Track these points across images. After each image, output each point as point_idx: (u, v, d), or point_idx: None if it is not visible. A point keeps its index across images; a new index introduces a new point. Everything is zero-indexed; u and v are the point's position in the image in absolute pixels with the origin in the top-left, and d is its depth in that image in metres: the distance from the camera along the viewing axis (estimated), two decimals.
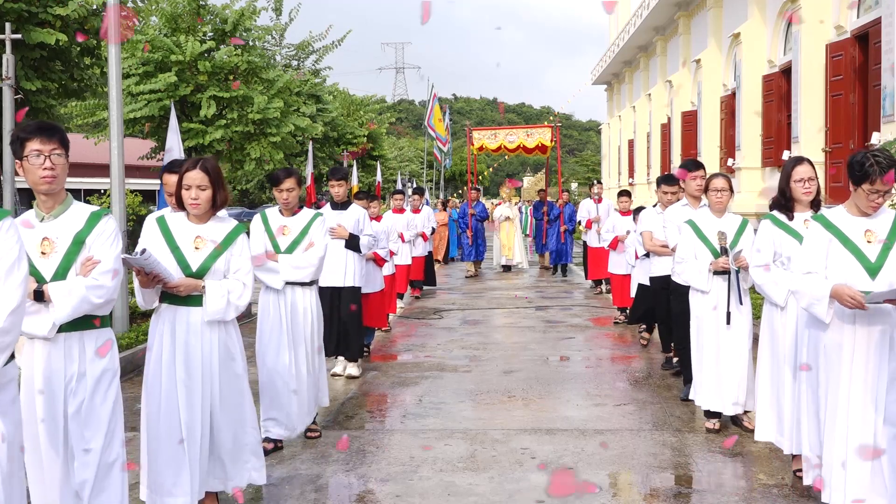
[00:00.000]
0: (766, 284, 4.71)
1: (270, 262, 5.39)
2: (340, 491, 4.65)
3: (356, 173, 23.91)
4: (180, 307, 3.95)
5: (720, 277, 5.53)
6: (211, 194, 3.97)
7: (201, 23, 13.85)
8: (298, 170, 6.58)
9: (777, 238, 4.73)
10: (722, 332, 5.54)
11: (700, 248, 5.64)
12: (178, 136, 10.96)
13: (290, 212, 5.53)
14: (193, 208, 3.98)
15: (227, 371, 4.05)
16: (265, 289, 5.43)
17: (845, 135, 13.19)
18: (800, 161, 4.80)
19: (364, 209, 7.32)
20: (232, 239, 4.05)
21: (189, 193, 3.96)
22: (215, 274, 3.98)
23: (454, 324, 10.92)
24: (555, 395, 6.83)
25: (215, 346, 3.99)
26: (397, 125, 51.80)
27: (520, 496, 4.52)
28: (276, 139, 14.29)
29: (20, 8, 9.59)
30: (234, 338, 4.11)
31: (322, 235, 5.52)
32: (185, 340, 3.94)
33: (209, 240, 4.01)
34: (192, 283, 3.92)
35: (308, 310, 5.44)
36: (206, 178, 3.95)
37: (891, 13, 10.80)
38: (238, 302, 3.99)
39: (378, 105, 28.16)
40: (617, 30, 32.38)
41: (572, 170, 55.50)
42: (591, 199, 14.26)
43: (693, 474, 4.88)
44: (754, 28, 16.95)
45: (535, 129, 19.29)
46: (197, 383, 3.94)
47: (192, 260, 3.96)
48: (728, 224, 5.69)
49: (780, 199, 4.82)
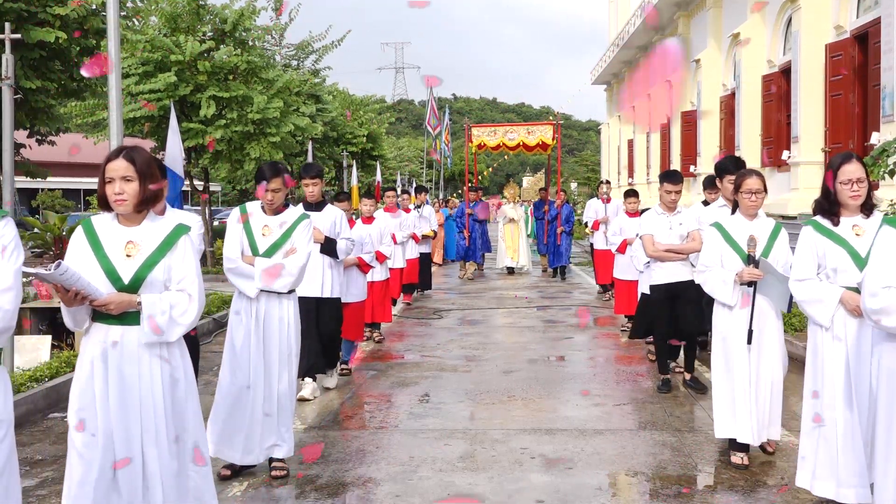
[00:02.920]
0: (809, 302, 4.11)
1: (245, 265, 4.86)
2: (340, 491, 4.64)
3: (356, 173, 23.92)
4: (113, 327, 3.29)
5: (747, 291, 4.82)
6: (138, 187, 3.29)
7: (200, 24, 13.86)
8: (287, 167, 6.00)
9: (820, 247, 4.11)
10: (752, 353, 4.84)
11: (728, 254, 4.93)
12: (178, 136, 10.96)
13: (273, 211, 5.01)
14: (119, 205, 3.29)
15: (171, 405, 3.37)
16: (238, 295, 4.91)
17: (845, 135, 13.20)
18: (847, 159, 4.08)
19: (341, 211, 6.70)
20: (172, 242, 3.39)
21: (112, 187, 3.28)
22: (153, 286, 3.32)
23: (454, 324, 10.92)
24: (555, 395, 6.83)
25: (156, 375, 3.32)
26: (397, 125, 51.79)
27: (519, 496, 4.52)
28: (275, 139, 14.29)
29: (19, 7, 9.59)
30: (178, 363, 3.42)
31: (307, 241, 4.96)
32: (119, 368, 3.28)
33: (144, 245, 3.35)
34: (125, 298, 3.25)
35: (285, 320, 4.88)
36: (131, 168, 3.27)
37: (890, 13, 10.81)
38: (183, 319, 3.34)
39: (378, 105, 28.15)
40: (617, 30, 32.38)
41: (572, 169, 55.49)
42: (600, 198, 13.26)
43: (693, 474, 4.88)
44: (754, 28, 16.96)
45: (536, 126, 18.78)
46: (135, 422, 3.29)
47: (123, 270, 3.29)
48: (759, 228, 4.95)
49: (823, 203, 4.18)
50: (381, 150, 28.32)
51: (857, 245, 4.03)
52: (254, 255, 4.89)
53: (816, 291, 4.06)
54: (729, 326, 4.90)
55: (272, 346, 4.83)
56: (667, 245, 6.60)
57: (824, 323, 4.03)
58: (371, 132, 26.40)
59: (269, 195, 4.91)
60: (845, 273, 4.02)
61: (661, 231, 6.67)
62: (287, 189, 5.05)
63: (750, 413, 4.83)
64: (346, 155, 24.78)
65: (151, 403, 3.32)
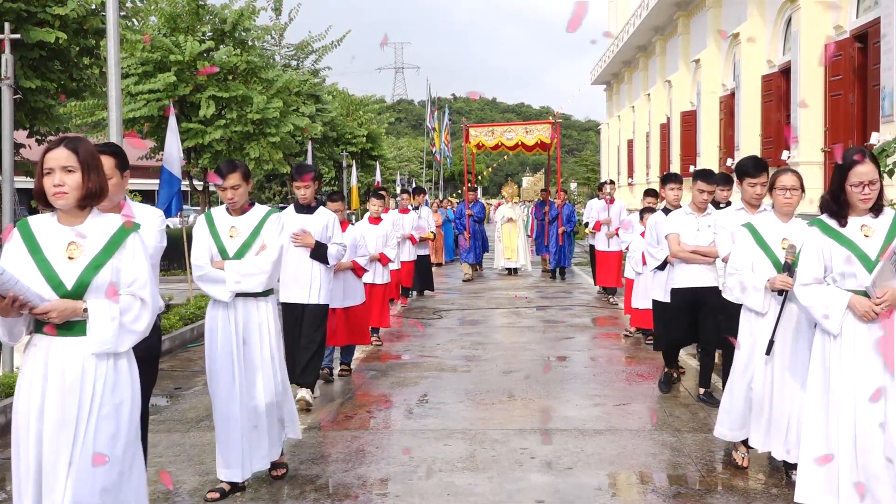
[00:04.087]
0: (815, 307, 3.88)
1: (215, 270, 4.60)
2: (340, 491, 4.64)
3: (355, 173, 23.91)
4: (56, 338, 2.96)
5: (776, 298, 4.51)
6: (80, 179, 2.98)
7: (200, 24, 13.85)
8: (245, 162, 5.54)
9: (826, 249, 3.90)
10: (777, 363, 4.55)
11: (760, 258, 4.60)
12: (177, 136, 10.96)
13: (239, 211, 4.71)
14: (59, 199, 2.97)
15: (111, 426, 3.00)
16: (213, 303, 4.63)
17: (845, 135, 13.20)
18: (860, 159, 3.82)
19: (334, 214, 6.35)
20: (120, 241, 3.06)
21: (51, 179, 2.96)
22: (100, 290, 2.99)
23: (454, 324, 10.92)
24: (555, 395, 6.83)
25: (98, 390, 2.98)
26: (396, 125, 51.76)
27: (519, 496, 4.52)
28: (275, 139, 14.27)
29: (19, 7, 9.59)
30: (125, 376, 3.08)
31: (277, 235, 4.68)
32: (60, 383, 2.94)
33: (87, 245, 3.01)
34: (69, 305, 2.93)
35: (264, 324, 4.62)
36: (72, 158, 2.98)
37: (890, 13, 10.80)
38: (135, 326, 3.05)
39: (377, 105, 28.13)
40: (616, 30, 32.39)
41: (571, 169, 55.50)
42: (603, 199, 12.91)
43: (693, 474, 4.87)
44: (754, 28, 16.97)
45: (534, 125, 18.52)
46: (66, 444, 2.92)
47: (65, 274, 2.96)
48: (795, 231, 4.60)
49: (830, 203, 3.92)
50: (381, 150, 28.29)
51: (866, 247, 3.82)
52: (223, 259, 4.63)
53: (823, 297, 3.86)
54: (756, 333, 4.61)
55: (254, 353, 4.58)
56: (693, 246, 6.25)
57: (833, 330, 3.82)
58: (371, 132, 26.38)
59: (228, 193, 4.62)
60: (853, 277, 3.83)
61: (688, 232, 6.33)
62: (248, 185, 4.72)
63: (761, 418, 4.61)
64: (345, 155, 24.76)
65: (87, 423, 2.95)
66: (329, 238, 6.16)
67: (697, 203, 6.35)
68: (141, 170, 22.62)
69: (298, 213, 6.21)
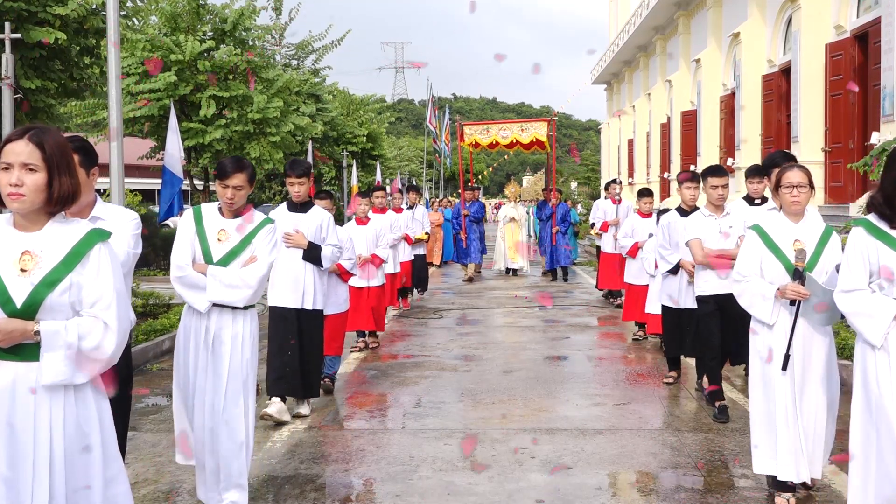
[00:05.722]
0: (858, 316, 3.52)
1: (196, 274, 4.17)
2: (340, 491, 4.64)
3: (356, 173, 23.91)
4: (3, 363, 2.50)
5: (787, 308, 4.15)
6: (43, 181, 2.50)
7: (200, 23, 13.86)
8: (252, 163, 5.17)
9: (873, 252, 3.51)
10: (796, 379, 4.15)
11: (769, 262, 4.23)
12: (178, 135, 10.97)
13: (233, 213, 4.30)
14: (13, 201, 2.49)
15: (76, 466, 2.54)
16: (187, 309, 4.24)
17: (845, 134, 13.21)
18: None
19: (329, 214, 6.07)
20: (82, 252, 2.56)
21: (8, 176, 2.48)
22: (55, 310, 2.52)
23: (454, 323, 10.92)
24: (555, 395, 6.83)
25: (58, 426, 2.50)
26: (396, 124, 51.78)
27: (519, 496, 4.52)
28: (275, 139, 14.29)
29: (19, 7, 9.60)
30: (90, 410, 2.59)
31: (269, 249, 4.23)
32: (8, 416, 2.47)
33: (44, 256, 2.53)
34: (17, 326, 2.47)
35: (239, 338, 4.13)
36: (36, 154, 2.49)
37: (890, 13, 10.80)
38: (96, 354, 2.54)
39: (378, 105, 28.15)
40: (617, 29, 32.40)
41: (572, 169, 55.51)
42: (609, 199, 12.37)
43: (693, 474, 4.87)
44: (754, 28, 16.98)
45: (529, 122, 18.15)
46: (26, 486, 2.46)
47: (14, 289, 2.49)
48: (807, 231, 4.23)
49: (881, 205, 3.53)
50: (381, 150, 28.31)
51: None
52: (207, 263, 4.20)
53: (867, 304, 3.49)
54: (767, 347, 4.20)
55: (221, 369, 4.07)
56: (717, 251, 5.80)
57: (875, 342, 3.45)
58: (371, 132, 26.40)
59: (228, 192, 4.20)
60: None
61: (710, 235, 5.88)
62: (250, 188, 4.32)
63: (792, 446, 4.15)
64: (346, 155, 24.78)
65: (47, 465, 2.48)
66: (323, 239, 5.90)
67: (713, 201, 5.94)
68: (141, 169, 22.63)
69: (291, 211, 5.92)
